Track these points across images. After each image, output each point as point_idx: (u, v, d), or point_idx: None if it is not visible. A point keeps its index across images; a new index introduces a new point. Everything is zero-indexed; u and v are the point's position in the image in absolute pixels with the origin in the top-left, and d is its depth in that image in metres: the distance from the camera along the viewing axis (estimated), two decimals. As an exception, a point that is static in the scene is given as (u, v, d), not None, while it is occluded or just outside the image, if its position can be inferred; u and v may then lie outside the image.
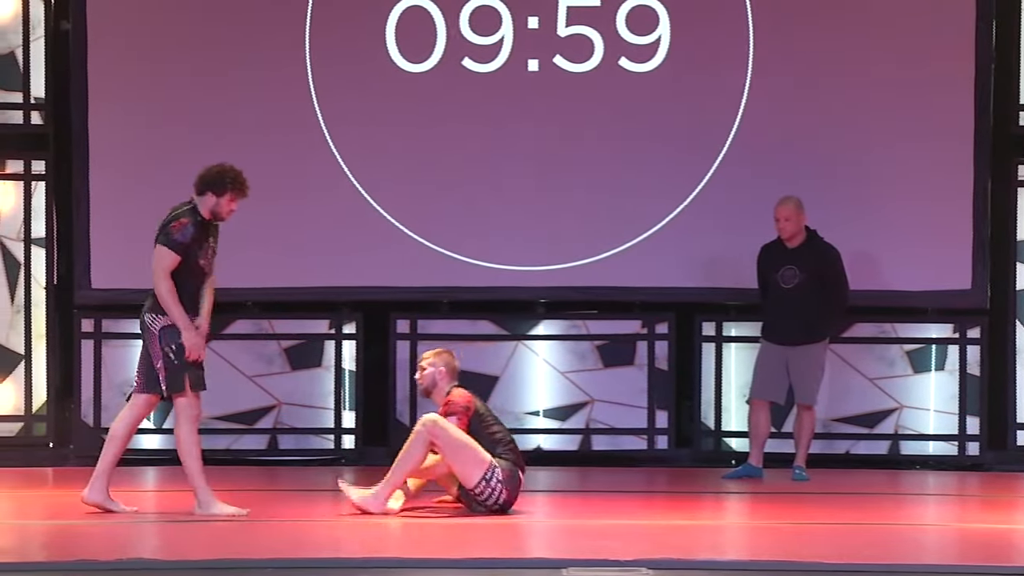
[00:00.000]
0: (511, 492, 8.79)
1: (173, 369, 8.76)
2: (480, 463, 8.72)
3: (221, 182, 8.86)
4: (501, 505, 8.78)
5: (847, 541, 8.15)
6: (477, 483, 8.71)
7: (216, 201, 8.86)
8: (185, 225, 8.74)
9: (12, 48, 11.51)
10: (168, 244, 8.73)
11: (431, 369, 9.02)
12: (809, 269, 10.50)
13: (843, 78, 11.28)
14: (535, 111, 11.36)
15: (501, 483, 8.74)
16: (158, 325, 8.77)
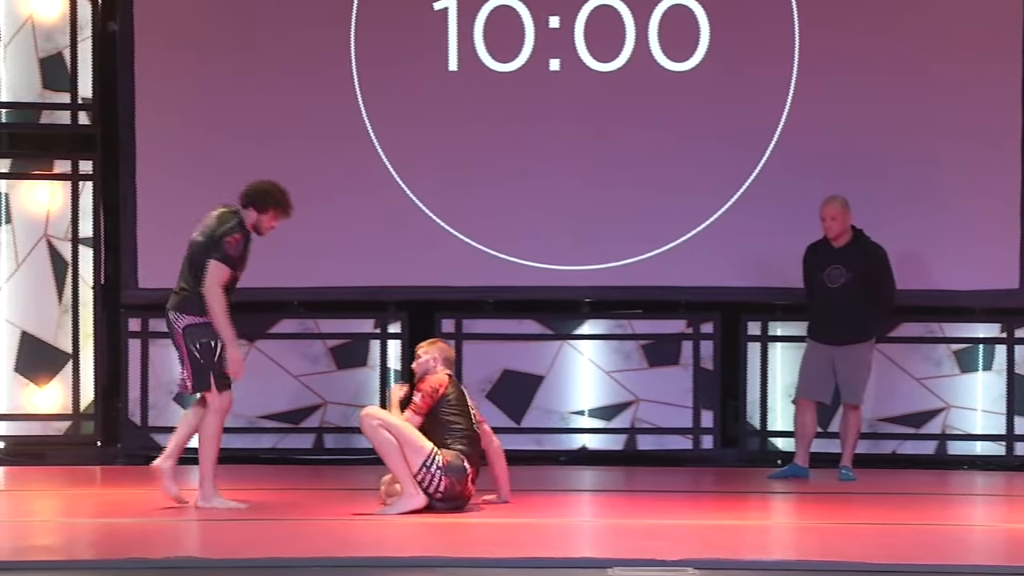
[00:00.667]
0: (452, 481, 8.74)
1: (199, 368, 8.91)
2: (420, 449, 8.76)
3: (265, 200, 9.06)
4: (444, 494, 8.74)
5: (894, 541, 8.12)
6: (418, 470, 8.74)
7: (258, 217, 9.06)
8: (239, 241, 8.96)
9: (60, 49, 11.58)
10: (223, 259, 8.93)
11: (425, 357, 9.14)
12: (855, 268, 10.46)
13: (890, 76, 11.23)
14: (581, 110, 11.35)
15: (441, 470, 8.73)
16: (182, 324, 8.93)
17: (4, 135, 11.72)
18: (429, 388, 8.94)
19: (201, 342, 8.89)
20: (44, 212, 11.62)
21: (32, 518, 9.09)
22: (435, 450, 8.77)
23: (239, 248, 8.96)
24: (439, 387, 8.94)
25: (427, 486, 8.76)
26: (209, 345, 8.89)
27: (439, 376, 9.01)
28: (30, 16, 11.56)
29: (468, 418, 8.98)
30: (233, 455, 11.36)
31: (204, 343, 8.89)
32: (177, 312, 8.96)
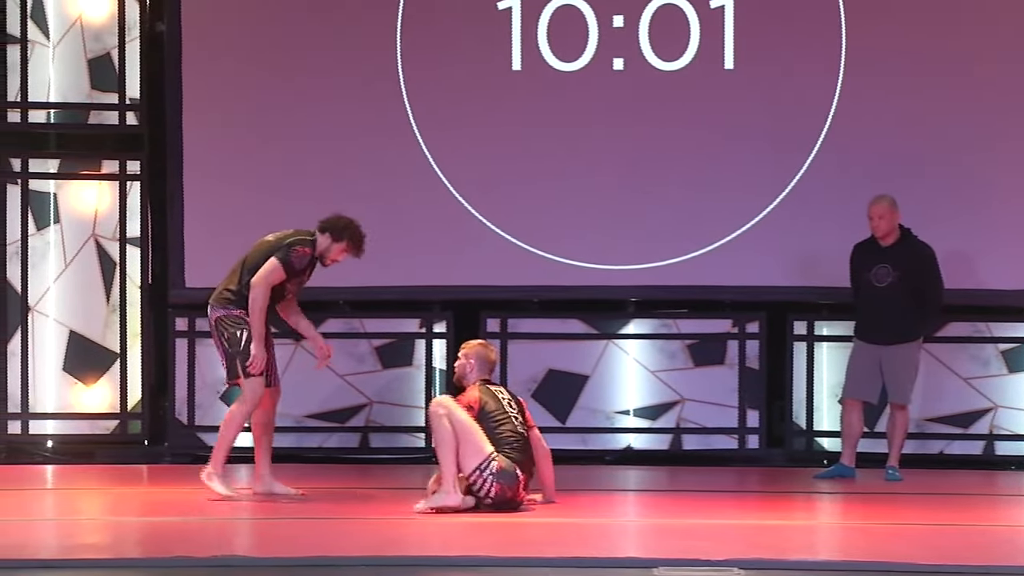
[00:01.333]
0: (503, 488, 8.73)
1: (228, 357, 9.26)
2: (479, 451, 8.75)
3: (342, 232, 9.37)
4: (495, 499, 8.74)
5: (942, 542, 8.08)
6: (472, 471, 8.74)
7: (329, 246, 9.38)
8: (306, 255, 9.27)
9: (108, 49, 11.64)
10: (284, 262, 9.22)
11: (463, 361, 9.15)
12: (903, 268, 10.41)
13: (937, 76, 11.18)
14: (626, 110, 11.34)
15: (493, 476, 8.72)
16: (213, 316, 9.33)
17: (53, 135, 11.79)
18: (466, 405, 8.94)
19: (229, 331, 9.22)
20: (92, 212, 11.68)
21: (80, 516, 9.15)
22: (494, 454, 8.77)
23: (303, 262, 9.27)
24: (472, 404, 8.93)
25: (478, 489, 8.76)
26: (235, 336, 9.20)
27: (471, 394, 9.00)
28: (79, 17, 11.63)
29: (512, 423, 8.95)
30: (279, 454, 11.39)
31: (231, 333, 9.21)
32: (212, 304, 9.37)
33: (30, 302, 11.60)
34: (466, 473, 8.77)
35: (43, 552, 7.75)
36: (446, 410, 8.84)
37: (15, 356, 11.57)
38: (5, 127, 11.66)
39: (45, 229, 11.64)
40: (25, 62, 11.56)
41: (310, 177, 11.43)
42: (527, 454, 8.94)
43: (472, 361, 9.12)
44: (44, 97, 11.62)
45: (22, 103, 11.59)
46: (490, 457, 8.75)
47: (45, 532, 8.53)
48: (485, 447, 8.79)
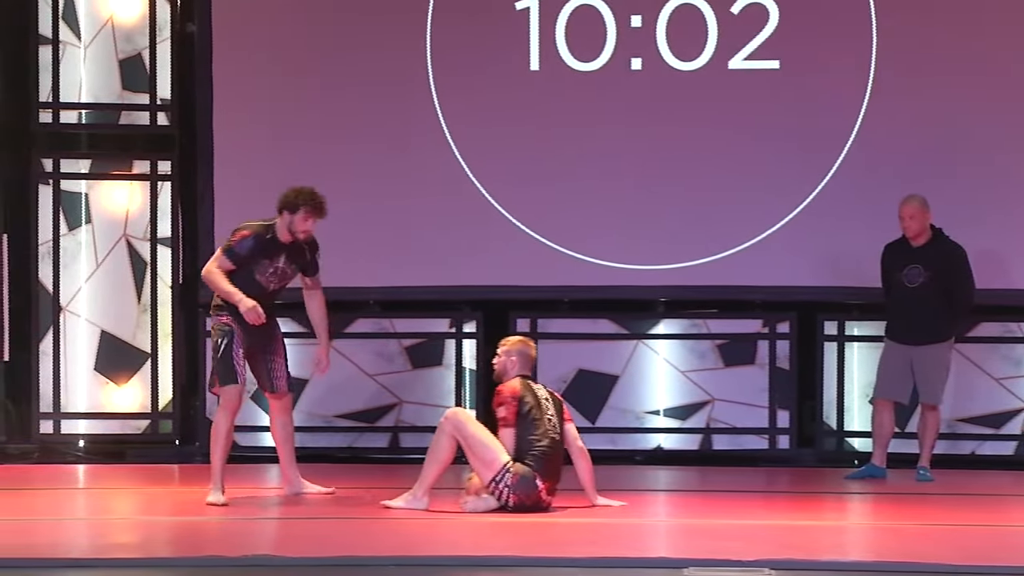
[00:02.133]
0: (521, 497, 8.70)
1: (215, 364, 9.29)
2: (491, 463, 8.73)
3: (295, 201, 9.30)
4: (516, 508, 8.71)
5: (973, 543, 8.05)
6: (488, 483, 8.75)
7: (291, 219, 9.32)
8: (245, 238, 9.32)
9: (139, 50, 11.68)
10: (225, 249, 9.35)
11: (503, 358, 9.08)
12: (934, 268, 10.38)
13: (970, 75, 11.12)
14: (661, 109, 11.32)
15: (509, 488, 8.71)
16: (209, 324, 9.53)
17: (84, 136, 11.84)
18: (508, 395, 8.90)
19: (214, 339, 9.29)
20: (123, 212, 11.72)
21: (111, 515, 9.18)
22: (509, 464, 8.74)
23: (242, 246, 9.29)
24: (515, 394, 8.90)
25: (498, 498, 8.78)
26: (217, 343, 9.24)
27: (511, 384, 8.98)
28: (110, 18, 11.68)
29: (546, 424, 8.93)
30: (309, 453, 11.43)
31: (215, 341, 9.27)
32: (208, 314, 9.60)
33: (62, 302, 11.65)
34: (484, 484, 8.78)
35: (75, 551, 7.78)
36: (452, 427, 8.83)
37: (47, 356, 11.62)
38: (37, 128, 11.70)
39: (76, 229, 11.69)
40: (57, 63, 11.61)
41: (340, 176, 11.43)
42: (555, 459, 8.90)
43: (513, 358, 9.06)
44: (75, 98, 11.67)
45: (54, 104, 11.64)
46: (505, 468, 8.72)
47: (77, 531, 8.56)
48: (499, 458, 8.75)
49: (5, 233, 11.62)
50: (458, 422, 8.87)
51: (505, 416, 8.86)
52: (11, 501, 9.65)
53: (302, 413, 11.53)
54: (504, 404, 8.88)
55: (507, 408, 8.87)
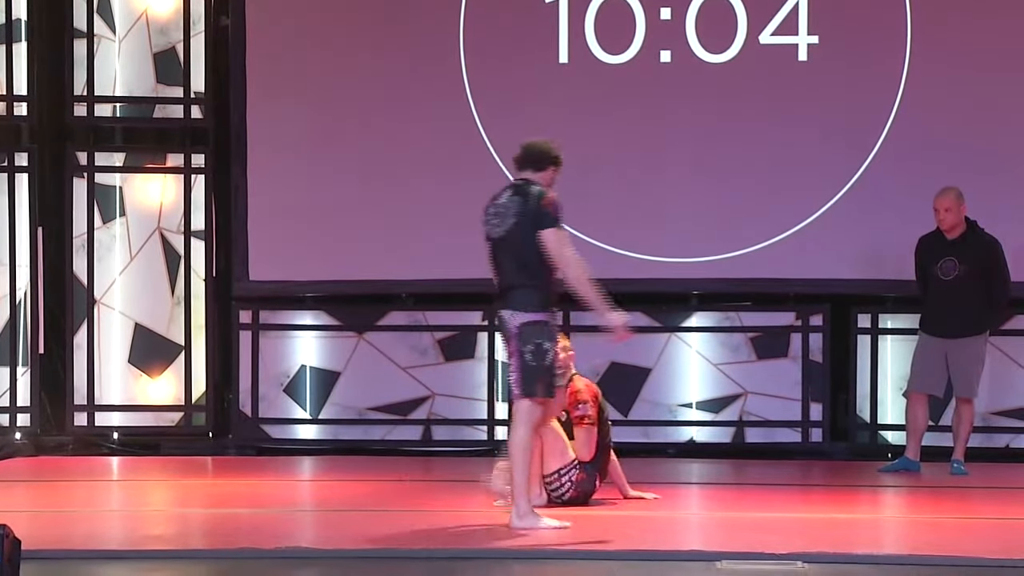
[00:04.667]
0: (580, 493, 8.74)
1: (528, 371, 7.99)
2: (562, 453, 8.74)
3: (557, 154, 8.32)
4: (566, 502, 8.73)
5: (1008, 536, 8.02)
6: (552, 472, 8.74)
7: (555, 173, 8.29)
8: (556, 201, 8.07)
9: (173, 43, 11.71)
10: (556, 222, 7.99)
11: (564, 355, 8.97)
12: (969, 261, 10.34)
13: (1006, 67, 11.08)
14: (692, 102, 11.31)
15: (573, 484, 8.74)
16: (516, 322, 8.03)
17: (119, 129, 11.86)
18: (591, 396, 8.90)
19: (535, 343, 7.98)
20: (157, 205, 11.76)
21: (145, 508, 9.22)
22: (575, 462, 8.77)
23: (560, 210, 8.05)
24: (596, 392, 8.94)
25: (554, 489, 8.77)
26: (542, 348, 7.99)
27: (587, 383, 8.97)
28: (144, 11, 11.71)
29: (608, 424, 8.98)
30: (343, 446, 11.50)
31: (537, 344, 7.98)
32: (512, 310, 8.02)
33: (96, 295, 11.69)
34: (547, 472, 8.77)
35: (111, 543, 7.81)
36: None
37: (81, 349, 11.66)
38: (72, 121, 11.74)
39: (111, 222, 11.73)
40: (91, 56, 11.65)
41: (374, 170, 11.46)
42: (608, 456, 8.98)
43: (572, 354, 9.02)
44: (110, 91, 11.70)
45: (88, 97, 11.67)
46: (572, 463, 8.76)
47: (112, 523, 8.60)
48: (569, 452, 8.78)
49: (40, 226, 11.66)
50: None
51: (590, 415, 8.85)
52: (46, 493, 9.70)
53: (335, 406, 11.57)
54: (586, 403, 8.87)
55: (591, 407, 8.87)
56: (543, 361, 7.98)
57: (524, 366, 7.97)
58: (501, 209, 8.10)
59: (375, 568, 7.21)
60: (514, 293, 8.03)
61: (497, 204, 8.15)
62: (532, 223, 7.98)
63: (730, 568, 7.05)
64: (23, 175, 11.67)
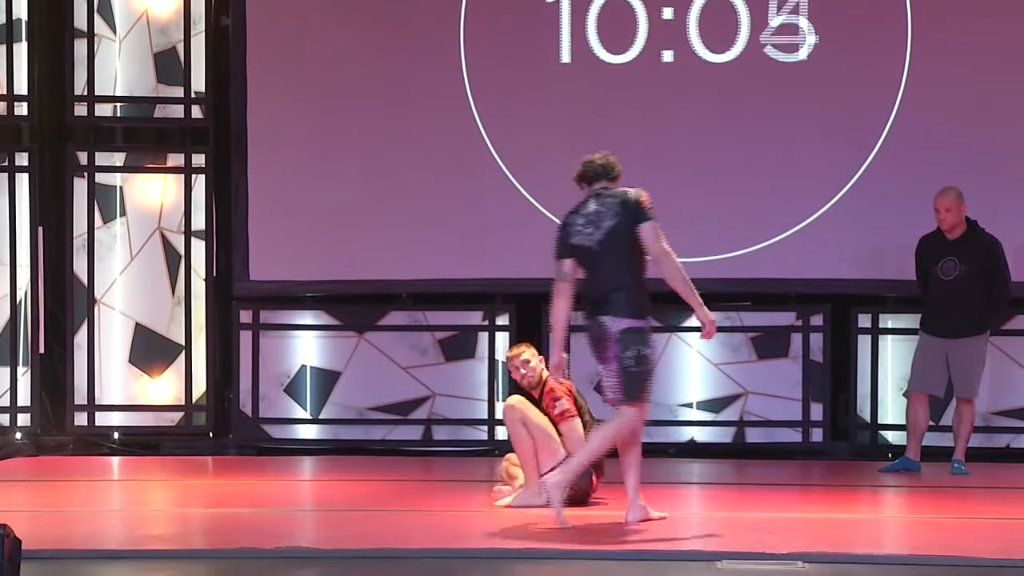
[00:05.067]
0: (577, 488, 8.70)
1: (629, 377, 8.07)
2: (555, 453, 8.78)
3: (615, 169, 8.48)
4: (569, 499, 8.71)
5: (1009, 536, 8.02)
6: (547, 472, 8.71)
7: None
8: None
9: (173, 43, 11.71)
10: (654, 218, 8.13)
11: (534, 363, 9.03)
12: (970, 261, 10.34)
13: (1005, 67, 11.08)
14: (693, 102, 11.31)
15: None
16: (617, 328, 8.06)
17: (119, 129, 11.87)
18: (565, 390, 8.96)
19: (636, 348, 8.04)
20: (158, 205, 11.76)
21: (146, 507, 9.22)
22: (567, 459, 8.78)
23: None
24: (570, 387, 8.99)
25: None
26: (641, 353, 8.06)
27: (561, 381, 8.98)
28: (145, 11, 11.71)
29: (589, 418, 9.01)
30: (343, 446, 11.50)
31: (638, 350, 8.05)
32: (613, 316, 8.05)
33: (96, 294, 11.69)
34: (543, 473, 8.79)
35: (111, 543, 7.81)
36: (520, 414, 8.87)
37: (82, 348, 11.67)
38: (72, 121, 11.74)
39: (111, 222, 11.73)
40: (92, 56, 11.65)
41: (374, 169, 11.47)
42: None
43: (540, 359, 9.09)
44: (110, 91, 11.71)
45: (89, 97, 11.68)
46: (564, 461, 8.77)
47: (112, 523, 8.60)
48: (559, 450, 8.81)
49: (41, 226, 11.67)
50: (524, 409, 8.88)
51: (570, 408, 8.90)
52: (47, 493, 9.70)
53: (336, 406, 11.57)
54: (562, 398, 8.91)
55: (568, 400, 8.92)
56: (645, 366, 8.09)
57: (625, 372, 8.05)
58: (593, 216, 8.20)
59: (375, 568, 7.21)
60: (613, 298, 8.09)
61: (586, 213, 8.23)
62: (632, 220, 8.10)
63: (730, 568, 7.05)
64: (23, 175, 11.68)
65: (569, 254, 8.19)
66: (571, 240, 8.19)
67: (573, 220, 8.24)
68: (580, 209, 8.27)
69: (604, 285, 8.11)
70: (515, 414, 8.86)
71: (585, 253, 8.16)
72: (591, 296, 8.16)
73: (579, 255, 8.18)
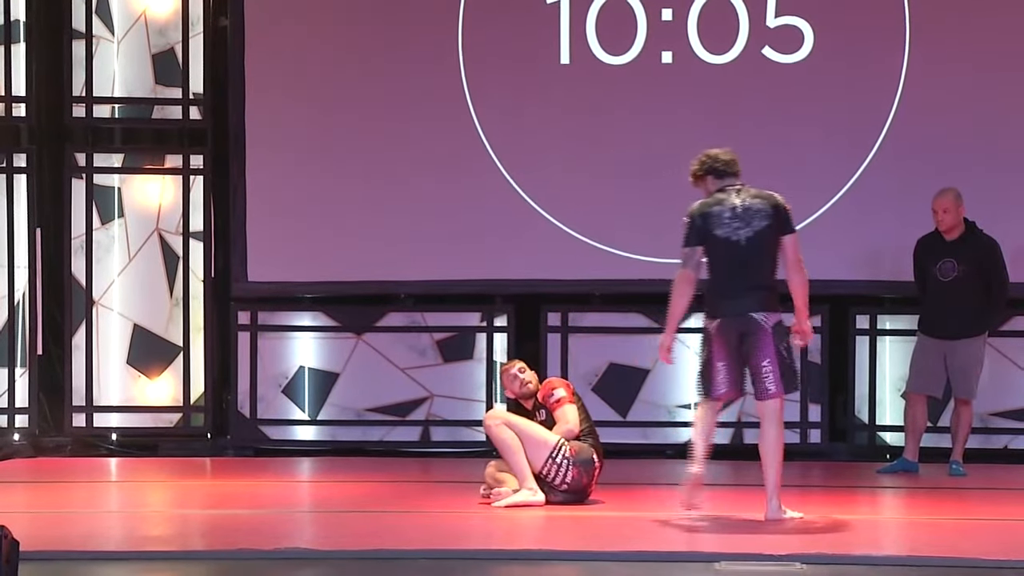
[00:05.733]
0: (580, 472, 8.81)
1: (786, 368, 8.39)
2: (543, 442, 8.84)
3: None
4: (571, 485, 8.80)
5: (1008, 537, 8.02)
6: (543, 464, 8.80)
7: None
8: None
9: (172, 44, 11.71)
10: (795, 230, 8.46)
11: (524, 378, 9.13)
12: (968, 262, 10.34)
13: (1004, 68, 11.08)
14: (693, 103, 11.31)
15: (568, 460, 8.81)
16: (771, 322, 8.34)
17: (117, 130, 11.86)
18: (559, 381, 9.14)
19: (786, 341, 8.37)
20: (156, 206, 11.76)
21: (144, 509, 9.22)
22: (561, 441, 8.83)
23: None
24: (564, 380, 9.20)
25: (553, 478, 8.81)
26: (790, 345, 8.40)
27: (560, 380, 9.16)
28: (143, 12, 11.71)
29: (586, 412, 9.07)
30: (341, 447, 11.50)
31: (788, 342, 8.38)
32: (764, 311, 8.31)
33: (94, 296, 11.69)
34: (537, 467, 8.81)
35: (109, 544, 7.81)
36: (501, 418, 8.97)
37: (80, 349, 11.66)
38: (70, 122, 11.74)
39: (109, 223, 11.73)
40: (90, 57, 11.65)
41: (373, 170, 11.46)
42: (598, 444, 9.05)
43: (534, 376, 9.16)
44: (109, 92, 11.71)
45: (87, 98, 11.67)
46: (559, 444, 8.81)
47: (111, 524, 8.60)
48: (550, 438, 8.84)
49: (39, 227, 11.67)
50: (502, 415, 9.03)
51: (566, 395, 8.99)
52: (45, 494, 9.70)
53: (334, 407, 11.57)
54: (558, 388, 9.03)
55: (565, 389, 9.02)
56: (794, 356, 8.39)
57: (783, 363, 8.33)
58: (742, 212, 8.35)
59: (373, 568, 7.21)
60: (763, 294, 8.32)
61: (732, 207, 8.36)
62: (781, 227, 8.36)
63: (729, 569, 7.05)
64: (22, 176, 11.68)
65: (703, 243, 8.33)
66: (714, 231, 8.31)
67: (717, 211, 8.35)
68: (723, 201, 8.37)
69: (753, 282, 8.31)
70: (495, 419, 8.95)
71: (731, 247, 8.31)
72: (733, 291, 8.33)
73: (719, 247, 8.33)
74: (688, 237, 8.38)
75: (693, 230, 8.36)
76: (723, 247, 8.30)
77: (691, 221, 8.39)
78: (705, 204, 8.40)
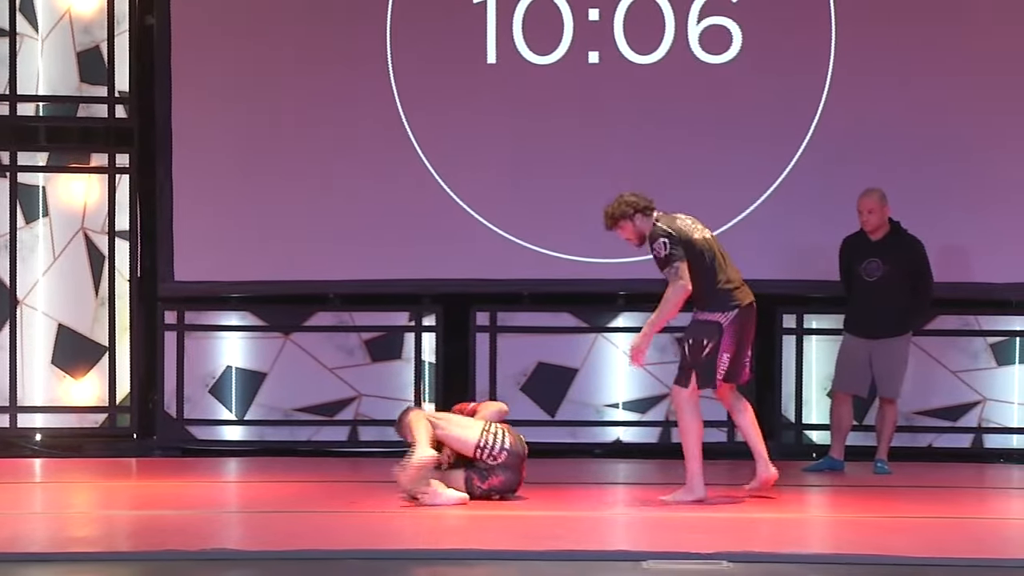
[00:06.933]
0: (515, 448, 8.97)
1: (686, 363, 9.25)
2: (470, 427, 9.05)
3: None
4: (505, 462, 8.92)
5: (931, 535, 8.09)
6: (477, 441, 8.96)
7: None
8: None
9: (97, 42, 11.63)
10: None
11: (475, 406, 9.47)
12: (893, 262, 10.43)
13: (927, 70, 11.19)
14: (620, 103, 11.34)
15: (501, 436, 8.99)
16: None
17: (42, 128, 11.77)
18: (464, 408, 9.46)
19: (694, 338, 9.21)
20: (81, 205, 11.67)
21: (69, 510, 9.14)
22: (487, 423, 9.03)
23: None
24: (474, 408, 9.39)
25: (491, 451, 8.98)
26: (701, 343, 9.15)
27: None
28: (68, 10, 11.62)
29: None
30: (269, 447, 11.45)
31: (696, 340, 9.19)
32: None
33: (19, 295, 11.59)
34: (471, 450, 8.86)
35: (34, 546, 7.74)
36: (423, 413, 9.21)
37: (3, 349, 11.56)
38: (-6, 120, 11.64)
39: (34, 222, 11.63)
40: (14, 55, 11.55)
41: (300, 170, 11.42)
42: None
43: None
44: (33, 90, 11.61)
45: (11, 96, 11.57)
46: (485, 427, 8.97)
47: (35, 525, 8.52)
48: (475, 422, 9.05)
49: (-38, 226, 11.56)
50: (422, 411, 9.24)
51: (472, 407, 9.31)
52: (-32, 495, 9.60)
53: (261, 407, 11.52)
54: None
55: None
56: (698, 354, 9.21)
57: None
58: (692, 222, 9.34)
59: (301, 569, 7.18)
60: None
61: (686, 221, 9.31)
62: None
63: (656, 568, 7.07)
64: (-56, 174, 11.57)
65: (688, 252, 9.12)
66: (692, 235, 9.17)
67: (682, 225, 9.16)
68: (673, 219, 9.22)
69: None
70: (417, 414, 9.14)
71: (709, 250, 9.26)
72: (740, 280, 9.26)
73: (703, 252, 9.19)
74: (674, 252, 9.05)
75: (679, 244, 9.05)
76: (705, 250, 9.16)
77: (672, 236, 9.08)
78: (668, 221, 9.17)
